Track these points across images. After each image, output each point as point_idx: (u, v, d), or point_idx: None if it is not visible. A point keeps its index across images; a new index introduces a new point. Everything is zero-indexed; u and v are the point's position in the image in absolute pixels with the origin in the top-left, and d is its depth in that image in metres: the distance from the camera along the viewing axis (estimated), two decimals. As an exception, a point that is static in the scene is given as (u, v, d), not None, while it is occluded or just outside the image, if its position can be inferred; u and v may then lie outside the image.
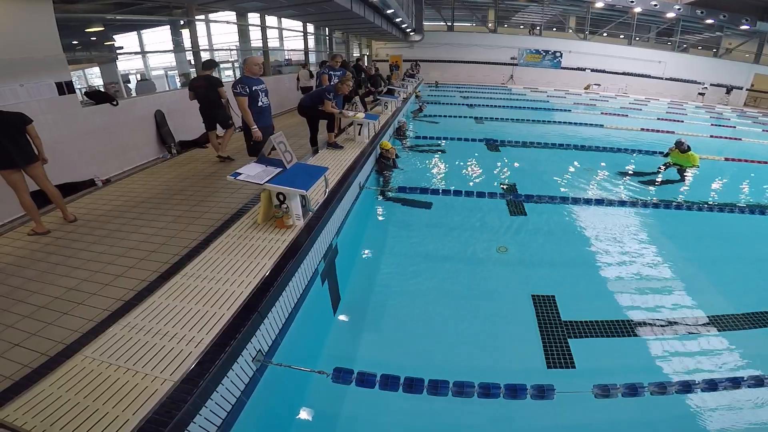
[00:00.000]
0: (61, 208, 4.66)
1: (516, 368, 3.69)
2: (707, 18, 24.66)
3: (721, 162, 10.68)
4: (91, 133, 6.14)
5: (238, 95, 5.27)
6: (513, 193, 7.80)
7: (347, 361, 3.46)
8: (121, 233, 4.36)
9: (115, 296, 3.24)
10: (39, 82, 5.28)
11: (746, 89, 26.28)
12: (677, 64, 27.09)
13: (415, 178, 8.34)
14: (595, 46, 27.99)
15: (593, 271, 5.32)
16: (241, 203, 5.06)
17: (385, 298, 4.65)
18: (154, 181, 6.08)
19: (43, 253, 3.99)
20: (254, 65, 5.45)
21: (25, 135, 4.23)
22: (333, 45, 19.36)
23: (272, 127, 5.82)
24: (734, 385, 3.37)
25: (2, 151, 4.07)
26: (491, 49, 28.65)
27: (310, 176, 4.28)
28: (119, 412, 2.11)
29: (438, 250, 5.73)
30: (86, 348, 2.58)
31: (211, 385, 2.34)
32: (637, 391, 3.14)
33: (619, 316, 4.39)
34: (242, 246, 3.81)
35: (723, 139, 14.07)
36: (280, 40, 14.18)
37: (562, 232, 6.34)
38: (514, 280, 5.10)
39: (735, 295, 4.80)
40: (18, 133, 4.17)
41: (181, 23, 9.01)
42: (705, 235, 6.50)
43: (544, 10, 28.23)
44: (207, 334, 2.64)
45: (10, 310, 3.13)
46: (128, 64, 8.28)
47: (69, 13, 6.16)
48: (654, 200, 7.68)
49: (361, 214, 6.28)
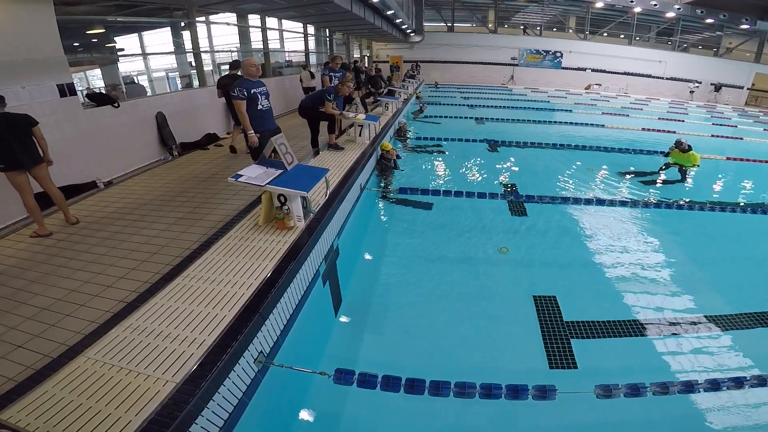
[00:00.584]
0: (64, 211, 4.68)
1: (517, 369, 3.69)
2: (707, 17, 24.64)
3: (722, 161, 10.66)
4: (92, 135, 6.15)
5: (236, 98, 5.09)
6: (514, 193, 7.80)
7: (348, 362, 3.46)
8: (122, 235, 4.37)
9: (118, 298, 3.25)
10: (40, 84, 5.29)
11: (747, 88, 26.25)
12: (678, 64, 27.08)
13: (416, 179, 8.34)
14: (596, 46, 27.99)
15: (595, 272, 5.31)
16: (243, 205, 5.07)
17: (387, 299, 4.65)
18: (155, 183, 6.09)
19: (45, 255, 4.01)
20: (251, 66, 5.24)
21: (31, 136, 4.27)
22: (333, 46, 19.38)
23: (276, 130, 5.64)
24: (737, 385, 3.36)
25: (9, 152, 4.10)
26: (491, 49, 28.66)
27: (311, 178, 4.29)
28: (121, 413, 2.12)
29: (439, 251, 5.73)
30: (89, 350, 2.59)
31: (213, 386, 2.34)
32: (639, 391, 3.13)
33: (621, 316, 4.38)
34: (244, 248, 3.82)
35: (724, 138, 14.06)
36: (281, 41, 14.19)
37: (564, 232, 6.33)
38: (515, 281, 5.09)
39: (737, 295, 4.80)
40: (24, 135, 4.21)
41: (182, 25, 9.03)
42: (706, 234, 6.49)
43: (544, 10, 28.23)
44: (209, 335, 2.65)
45: (12, 312, 3.14)
46: (129, 65, 8.29)
47: (70, 15, 6.17)
48: (655, 200, 7.67)
49: (362, 215, 6.28)
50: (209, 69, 10.14)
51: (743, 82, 26.21)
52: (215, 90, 9.55)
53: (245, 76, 5.30)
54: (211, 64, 10.38)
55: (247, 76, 5.28)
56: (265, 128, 5.42)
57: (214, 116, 9.39)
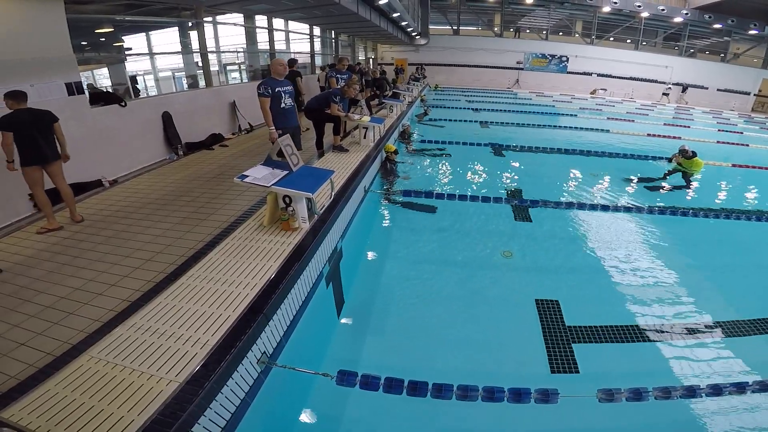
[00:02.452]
0: (71, 208, 4.71)
1: (519, 373, 3.68)
2: (715, 23, 24.56)
3: (727, 168, 10.61)
4: (99, 134, 6.18)
5: (261, 96, 5.31)
6: (518, 198, 7.78)
7: (351, 364, 3.45)
8: (127, 234, 4.39)
9: (121, 297, 3.26)
10: (49, 82, 5.33)
11: (754, 94, 26.13)
12: (684, 69, 26.96)
13: (420, 182, 8.34)
14: (602, 51, 27.92)
15: (598, 277, 5.29)
16: (248, 205, 5.08)
17: (389, 301, 4.65)
18: (160, 183, 6.11)
19: (50, 252, 4.02)
20: (279, 66, 5.47)
21: (52, 133, 4.35)
22: (339, 48, 19.44)
23: (298, 128, 5.92)
24: (739, 390, 3.35)
25: (34, 146, 4.18)
26: (497, 53, 28.62)
27: (317, 179, 4.29)
28: (124, 412, 2.12)
29: (442, 254, 5.72)
30: (92, 348, 2.59)
31: (216, 386, 2.34)
32: (642, 395, 3.12)
33: (624, 321, 4.36)
34: (248, 248, 3.82)
35: (730, 144, 13.99)
36: (287, 42, 14.23)
37: (567, 237, 6.31)
38: (518, 285, 5.08)
39: (740, 301, 4.78)
40: (48, 130, 4.34)
41: (189, 25, 9.07)
42: (710, 241, 6.45)
43: (550, 14, 28.18)
44: (212, 335, 2.65)
45: (16, 309, 3.15)
46: (136, 65, 8.33)
47: (79, 14, 6.20)
48: (659, 206, 7.63)
49: (365, 217, 6.28)
50: (215, 69, 10.18)
51: (750, 88, 26.10)
52: (220, 90, 9.60)
53: (272, 74, 5.53)
54: (217, 64, 10.42)
55: (274, 75, 5.51)
56: (287, 126, 5.61)
57: (219, 116, 9.43)
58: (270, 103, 5.36)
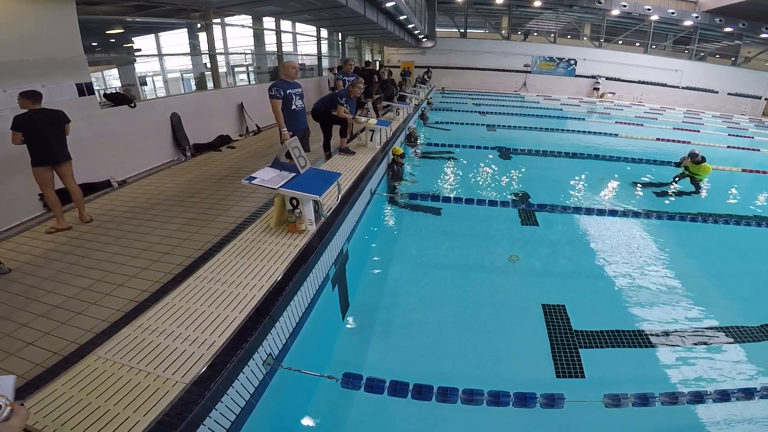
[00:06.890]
0: (80, 208, 4.74)
1: (525, 377, 3.65)
2: (726, 26, 24.32)
3: (738, 173, 10.50)
4: (108, 135, 6.23)
5: (273, 98, 5.36)
6: (525, 202, 7.74)
7: (356, 367, 3.44)
8: (135, 234, 4.41)
9: (129, 297, 3.27)
10: (60, 83, 5.38)
11: (765, 98, 25.84)
12: (694, 73, 26.71)
13: (426, 185, 8.32)
14: (610, 54, 27.70)
15: (605, 282, 5.25)
16: (255, 207, 5.10)
17: (395, 304, 4.63)
18: (168, 184, 6.15)
19: (58, 252, 4.05)
20: (291, 68, 5.54)
21: (64, 133, 4.39)
22: (345, 50, 19.50)
23: (307, 130, 5.96)
24: (746, 396, 3.31)
25: (46, 147, 4.22)
26: (504, 56, 28.50)
27: (324, 182, 4.30)
28: (130, 413, 2.12)
29: (448, 257, 5.71)
30: (99, 348, 2.60)
31: (221, 387, 2.34)
32: (648, 401, 3.10)
33: (631, 326, 4.33)
34: (255, 250, 3.83)
35: (741, 149, 13.85)
36: (294, 44, 14.30)
37: (575, 241, 6.27)
38: (524, 289, 5.05)
39: (748, 307, 4.72)
40: (61, 131, 4.38)
41: (198, 26, 9.13)
42: (719, 247, 6.38)
43: (558, 17, 28.07)
44: (219, 336, 2.65)
45: (24, 308, 3.17)
46: (145, 66, 8.39)
47: (89, 15, 6.26)
48: (668, 211, 7.56)
49: (372, 220, 6.28)
50: (223, 71, 10.24)
51: (761, 92, 25.79)
52: (228, 92, 9.64)
53: (283, 76, 5.60)
54: (225, 66, 10.48)
55: (285, 77, 5.57)
56: (297, 127, 5.70)
57: (227, 118, 9.47)
58: (281, 105, 5.42)
